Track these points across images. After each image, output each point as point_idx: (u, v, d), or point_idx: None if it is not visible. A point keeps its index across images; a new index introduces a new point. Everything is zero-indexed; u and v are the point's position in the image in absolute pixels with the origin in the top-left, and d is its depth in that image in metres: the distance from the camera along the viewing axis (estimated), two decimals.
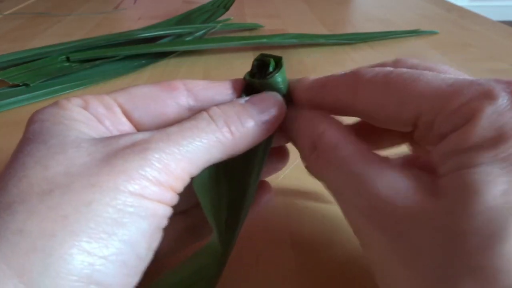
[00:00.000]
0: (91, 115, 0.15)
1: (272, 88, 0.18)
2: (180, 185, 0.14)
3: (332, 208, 0.24)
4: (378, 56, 0.48)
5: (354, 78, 0.15)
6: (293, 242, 0.21)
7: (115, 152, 0.13)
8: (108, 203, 0.12)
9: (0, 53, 0.45)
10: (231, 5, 0.62)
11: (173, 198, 0.14)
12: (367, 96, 0.14)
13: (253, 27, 0.58)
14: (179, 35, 0.51)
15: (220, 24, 0.55)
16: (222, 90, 0.18)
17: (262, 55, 0.19)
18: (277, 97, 0.17)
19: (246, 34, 0.56)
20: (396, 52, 0.50)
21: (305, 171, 0.17)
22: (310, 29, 0.59)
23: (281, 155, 0.20)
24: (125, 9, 0.71)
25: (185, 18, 0.58)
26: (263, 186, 0.20)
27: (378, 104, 0.14)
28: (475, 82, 0.13)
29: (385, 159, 0.14)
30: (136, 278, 0.13)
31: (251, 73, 0.19)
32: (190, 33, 0.51)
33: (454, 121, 0.12)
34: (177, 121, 0.16)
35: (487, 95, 0.12)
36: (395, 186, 0.12)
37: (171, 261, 0.18)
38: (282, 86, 0.18)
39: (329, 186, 0.15)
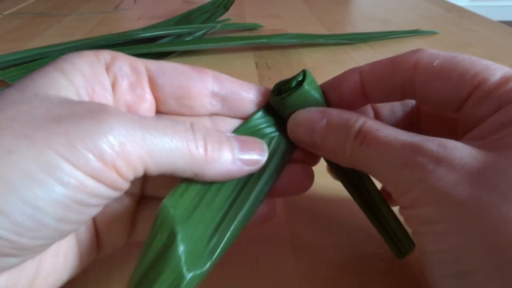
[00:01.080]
0: (107, 75, 0.15)
1: (303, 99, 0.17)
2: (129, 173, 0.13)
3: (332, 208, 0.24)
4: (378, 56, 0.48)
5: (415, 55, 0.16)
6: (293, 242, 0.21)
7: (72, 114, 0.12)
8: (28, 158, 0.11)
9: (0, 53, 0.45)
10: (231, 5, 0.62)
11: (116, 181, 0.13)
12: (431, 72, 0.15)
13: (253, 27, 0.58)
14: (179, 35, 0.51)
15: (220, 24, 0.55)
16: (248, 88, 0.18)
17: (278, 84, 0.18)
18: (263, 144, 0.17)
19: (246, 34, 0.56)
20: (396, 52, 0.49)
21: None
22: (310, 29, 0.59)
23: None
24: (125, 9, 0.71)
25: (185, 18, 0.58)
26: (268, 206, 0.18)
27: (441, 80, 0.15)
28: None
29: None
30: (39, 242, 0.12)
31: (275, 92, 0.18)
32: (190, 33, 0.51)
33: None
34: (198, 100, 0.16)
35: None
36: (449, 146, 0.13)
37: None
38: (314, 93, 0.18)
39: (372, 167, 0.15)
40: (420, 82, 0.16)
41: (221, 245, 0.15)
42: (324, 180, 0.26)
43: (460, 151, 0.13)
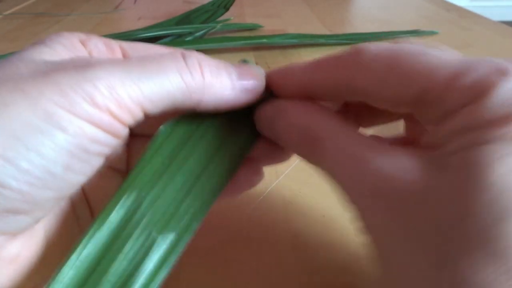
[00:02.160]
0: (83, 49, 0.15)
1: None
2: (126, 116, 0.13)
3: (333, 208, 0.24)
4: None
5: (355, 55, 0.14)
6: (294, 242, 0.21)
7: (58, 68, 0.13)
8: (26, 108, 0.11)
9: (0, 53, 0.45)
10: (231, 5, 0.62)
11: (112, 125, 0.13)
12: (371, 74, 0.14)
13: (253, 27, 0.58)
14: (179, 35, 0.51)
15: (220, 24, 0.55)
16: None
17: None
18: (260, 69, 0.17)
19: (246, 34, 0.56)
20: None
21: (305, 171, 0.17)
22: (310, 29, 0.59)
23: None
24: (125, 9, 0.71)
25: (185, 18, 0.58)
26: (254, 169, 0.18)
27: (383, 82, 0.13)
28: (487, 59, 0.12)
29: (383, 140, 0.13)
30: (47, 192, 0.12)
31: None
32: (190, 33, 0.51)
33: (465, 96, 0.12)
34: None
35: (501, 72, 0.11)
36: (398, 164, 0.12)
37: None
38: None
39: (330, 175, 0.15)
40: (362, 83, 0.14)
41: (193, 209, 0.15)
42: (324, 180, 0.26)
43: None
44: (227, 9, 0.60)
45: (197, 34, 0.51)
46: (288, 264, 0.20)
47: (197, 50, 0.18)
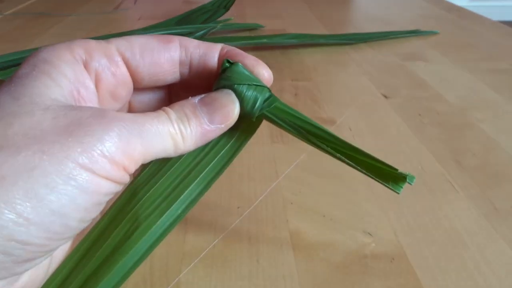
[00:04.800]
0: (88, 72, 0.16)
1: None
2: (132, 167, 0.14)
3: (333, 208, 0.24)
4: (378, 56, 0.48)
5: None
6: (293, 242, 0.22)
7: (79, 121, 0.13)
8: (51, 172, 0.12)
9: (0, 53, 0.45)
10: (231, 5, 0.62)
11: (123, 177, 0.14)
12: None
13: (253, 27, 0.59)
14: (179, 35, 0.51)
15: (221, 24, 0.55)
16: (211, 51, 0.19)
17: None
18: (232, 104, 0.17)
19: (247, 34, 0.56)
20: (396, 52, 0.50)
21: (305, 171, 0.17)
22: (310, 29, 0.59)
23: None
24: (126, 9, 0.71)
25: (186, 18, 0.58)
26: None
27: None
28: None
29: None
30: (62, 242, 0.13)
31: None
32: (190, 33, 0.51)
33: None
34: (168, 72, 0.18)
35: None
36: None
37: None
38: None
39: None
40: None
41: (180, 198, 0.17)
42: (324, 180, 0.26)
43: None
44: (227, 9, 0.60)
45: (197, 34, 0.51)
46: (288, 264, 0.20)
47: None
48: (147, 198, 0.16)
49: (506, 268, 0.20)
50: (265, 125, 0.18)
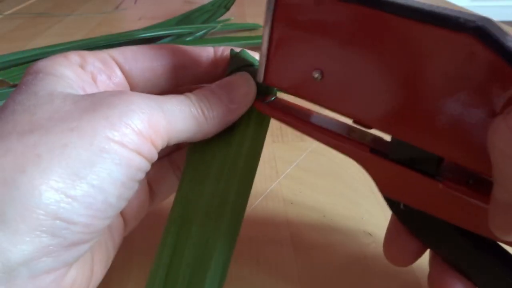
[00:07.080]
0: (86, 73, 0.16)
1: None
2: (159, 142, 0.14)
3: (333, 208, 0.24)
4: None
5: None
6: (293, 242, 0.21)
7: (100, 100, 0.14)
8: (82, 147, 0.12)
9: (1, 53, 0.45)
10: (231, 5, 0.62)
11: (151, 152, 0.14)
12: None
13: (253, 27, 0.58)
14: (180, 35, 0.51)
15: (221, 24, 0.55)
16: (204, 55, 0.19)
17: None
18: (247, 81, 0.17)
19: (247, 34, 0.56)
20: None
21: (305, 171, 0.17)
22: None
23: None
24: (126, 9, 0.71)
25: (186, 18, 0.58)
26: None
27: None
28: None
29: None
30: (105, 221, 0.13)
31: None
32: (190, 33, 0.51)
33: None
34: (162, 77, 0.18)
35: None
36: None
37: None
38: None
39: None
40: None
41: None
42: (325, 180, 0.26)
43: None
44: (227, 9, 0.60)
45: (198, 34, 0.51)
46: (288, 264, 0.20)
47: None
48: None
49: None
50: None
